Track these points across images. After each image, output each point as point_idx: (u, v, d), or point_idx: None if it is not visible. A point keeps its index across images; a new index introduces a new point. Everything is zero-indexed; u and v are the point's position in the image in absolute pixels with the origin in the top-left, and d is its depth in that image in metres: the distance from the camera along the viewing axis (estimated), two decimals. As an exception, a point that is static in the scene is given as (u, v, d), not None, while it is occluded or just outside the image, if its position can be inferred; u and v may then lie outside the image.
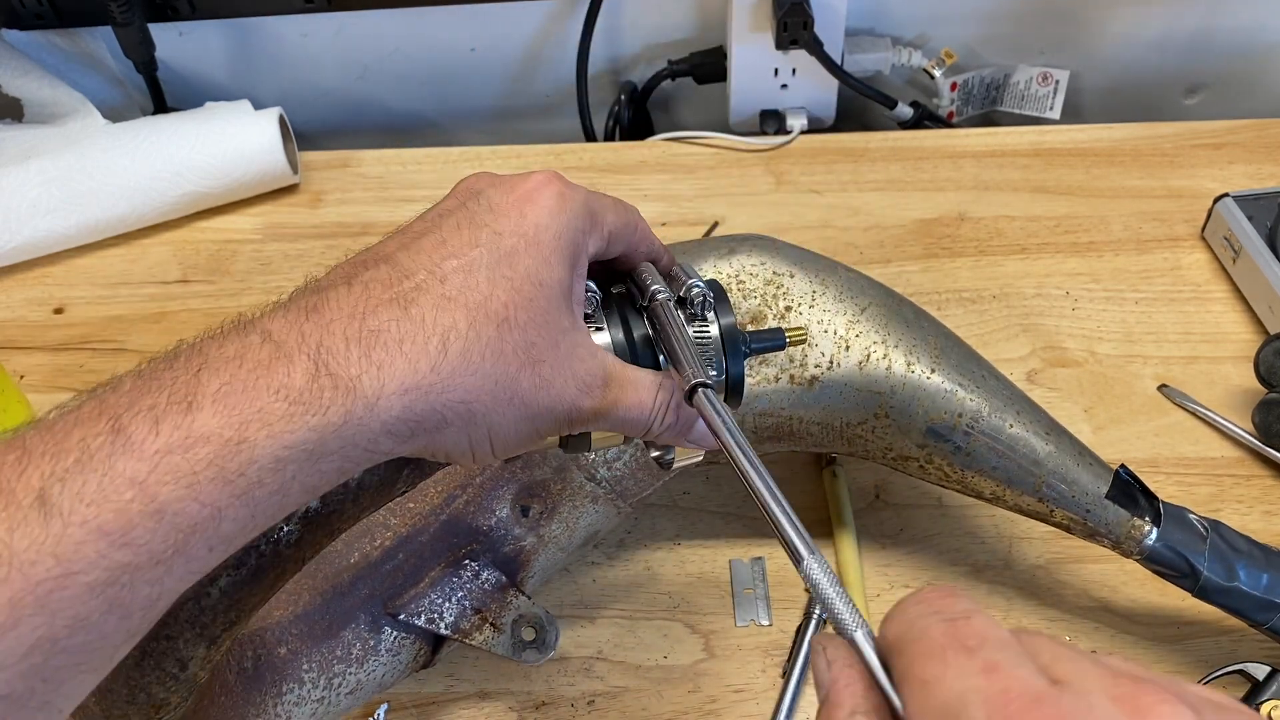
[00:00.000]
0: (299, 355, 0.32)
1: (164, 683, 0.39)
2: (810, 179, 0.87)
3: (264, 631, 0.49)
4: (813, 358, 0.55)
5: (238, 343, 0.32)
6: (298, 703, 0.49)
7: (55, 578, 0.27)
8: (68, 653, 0.28)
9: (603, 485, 0.56)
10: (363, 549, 0.52)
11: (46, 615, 0.27)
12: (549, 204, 0.37)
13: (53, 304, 0.81)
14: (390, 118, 1.02)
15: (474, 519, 0.54)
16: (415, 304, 0.34)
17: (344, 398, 0.32)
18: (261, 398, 0.31)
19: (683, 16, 0.94)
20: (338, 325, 0.33)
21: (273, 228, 0.86)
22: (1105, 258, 0.79)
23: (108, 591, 0.28)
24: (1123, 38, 0.94)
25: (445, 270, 0.35)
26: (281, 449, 0.31)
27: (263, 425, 0.30)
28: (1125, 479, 0.54)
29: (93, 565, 0.28)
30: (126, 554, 0.28)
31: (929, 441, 0.55)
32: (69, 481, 0.28)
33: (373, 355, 0.33)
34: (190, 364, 0.31)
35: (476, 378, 0.34)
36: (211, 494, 0.30)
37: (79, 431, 0.29)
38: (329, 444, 0.32)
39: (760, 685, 0.58)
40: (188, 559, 0.30)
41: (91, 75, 0.97)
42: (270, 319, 0.33)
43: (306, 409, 0.31)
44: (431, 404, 0.33)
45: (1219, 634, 0.59)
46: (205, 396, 0.30)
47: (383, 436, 0.33)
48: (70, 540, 0.28)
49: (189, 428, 0.30)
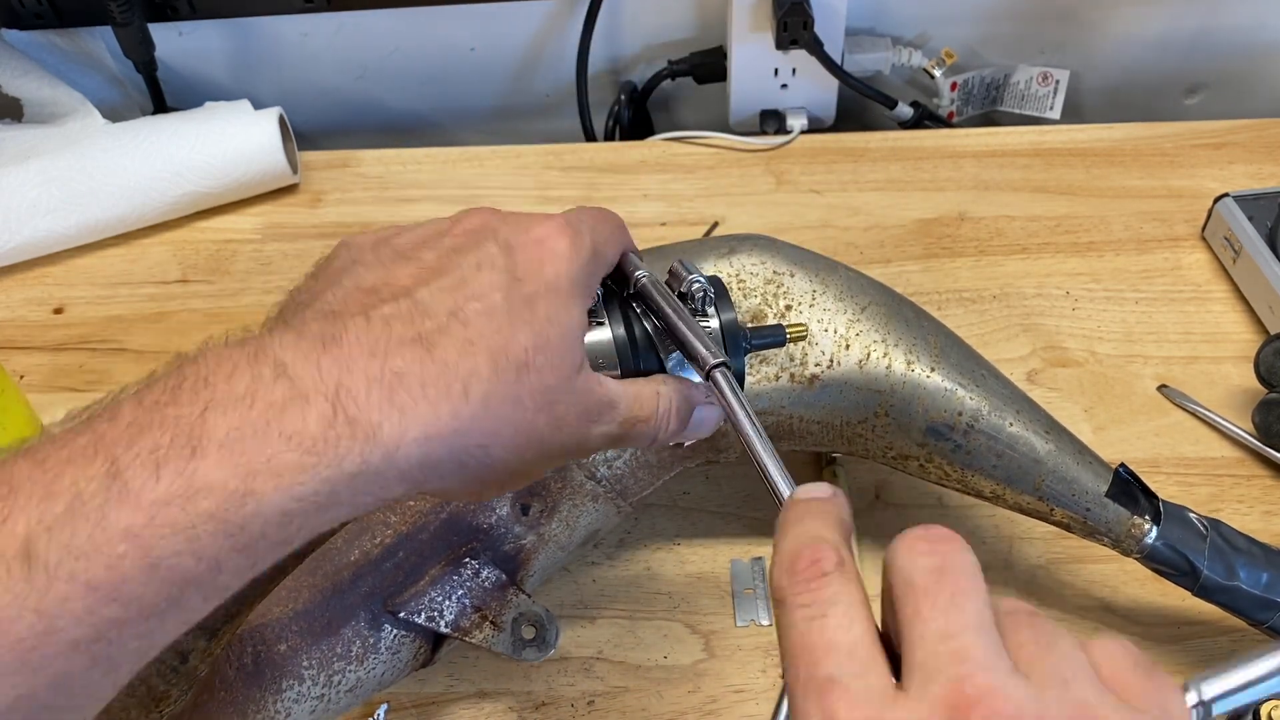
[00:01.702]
0: (316, 396, 0.30)
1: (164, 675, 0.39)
2: (810, 179, 0.87)
3: (264, 628, 0.49)
4: (813, 356, 0.55)
5: (248, 376, 0.30)
6: (297, 700, 0.49)
7: (37, 634, 0.26)
8: (50, 710, 0.27)
9: (603, 484, 0.56)
10: (363, 546, 0.52)
11: (27, 674, 0.26)
12: (564, 251, 0.37)
13: (52, 304, 0.81)
14: (390, 118, 1.02)
15: (474, 517, 0.54)
16: (438, 346, 0.33)
17: (362, 445, 0.30)
18: (272, 445, 0.29)
19: (683, 16, 0.94)
20: (359, 364, 0.31)
21: (273, 228, 0.86)
22: (1105, 258, 0.79)
23: (94, 648, 0.27)
24: (1123, 38, 0.94)
25: (468, 313, 0.34)
26: (290, 501, 0.29)
27: (271, 476, 0.29)
28: (1125, 478, 0.54)
29: (79, 621, 0.26)
30: (115, 609, 0.27)
31: (929, 440, 0.54)
32: (57, 531, 0.26)
33: (395, 399, 0.31)
34: (196, 398, 0.29)
35: (495, 423, 0.34)
36: (211, 548, 0.28)
37: (72, 472, 0.27)
38: (340, 494, 0.30)
39: (760, 685, 0.58)
40: (181, 610, 0.28)
41: (91, 75, 0.97)
42: (282, 345, 0.31)
43: (320, 459, 0.30)
44: (450, 448, 0.33)
45: (1219, 634, 0.59)
46: (211, 442, 0.28)
47: (396, 483, 0.32)
48: (55, 596, 0.26)
49: (191, 476, 0.28)
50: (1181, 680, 0.28)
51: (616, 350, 0.40)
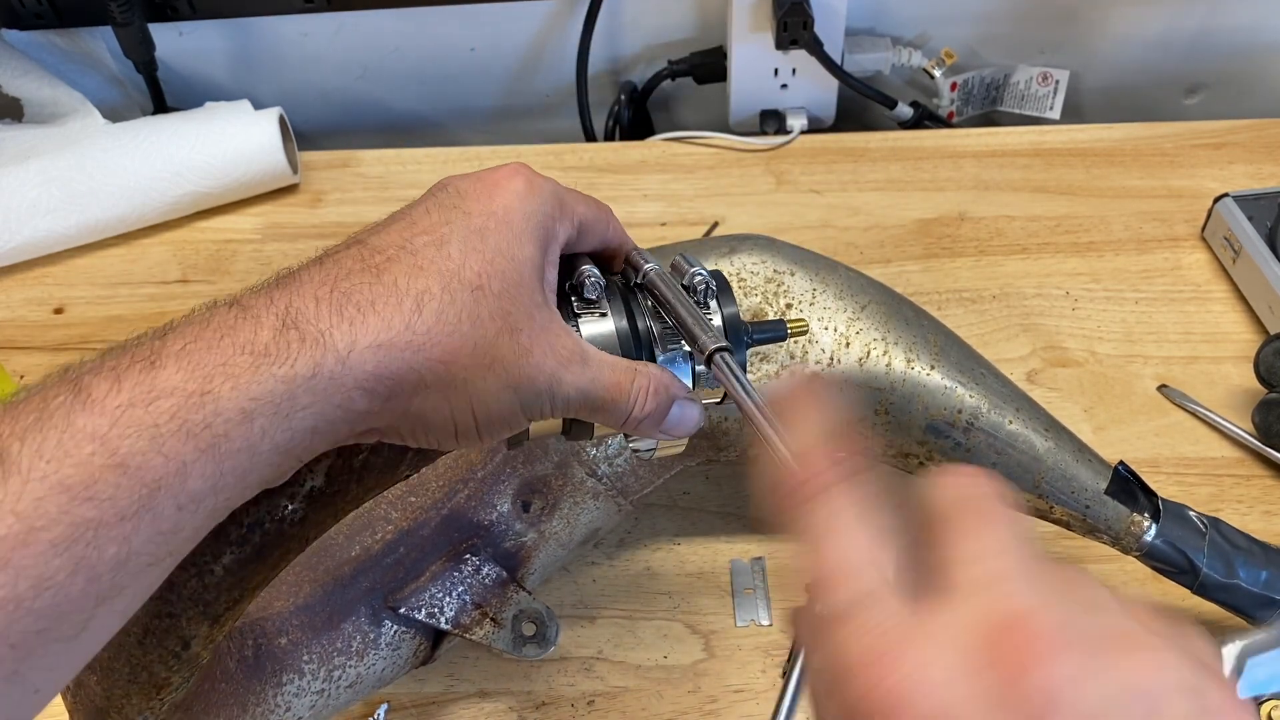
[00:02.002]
0: (266, 315, 0.32)
1: (166, 661, 0.39)
2: (810, 179, 0.87)
3: (265, 621, 0.49)
4: (813, 354, 0.55)
5: (205, 312, 0.32)
6: (298, 694, 0.49)
7: (16, 534, 0.27)
8: (34, 615, 0.27)
9: (604, 481, 0.56)
10: (364, 542, 0.52)
11: (9, 574, 0.27)
12: (517, 188, 0.37)
13: (53, 304, 0.81)
14: (390, 118, 1.02)
15: (475, 514, 0.54)
16: (387, 271, 0.34)
17: (312, 349, 0.32)
18: (226, 353, 0.31)
19: (683, 16, 0.94)
20: (308, 289, 0.33)
21: (273, 228, 0.86)
22: (1105, 258, 0.79)
23: (73, 549, 0.28)
24: (1123, 38, 0.95)
25: (416, 245, 0.35)
26: (247, 400, 0.30)
27: (227, 378, 0.30)
28: (1124, 475, 0.54)
29: (55, 521, 0.27)
30: (90, 509, 0.28)
31: (929, 438, 0.55)
32: (27, 439, 0.28)
33: (344, 312, 0.32)
34: (157, 332, 0.32)
35: (454, 339, 0.34)
36: (175, 447, 0.29)
37: (40, 394, 0.29)
38: (299, 397, 0.31)
39: (760, 685, 0.58)
40: (155, 516, 0.29)
41: (91, 75, 0.97)
42: (241, 294, 0.33)
43: (273, 360, 0.31)
44: (407, 361, 0.33)
45: (1219, 633, 0.58)
46: (168, 355, 0.30)
47: (357, 393, 0.32)
48: (30, 496, 0.27)
49: (151, 383, 0.29)
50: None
51: (619, 341, 0.40)
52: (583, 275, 0.40)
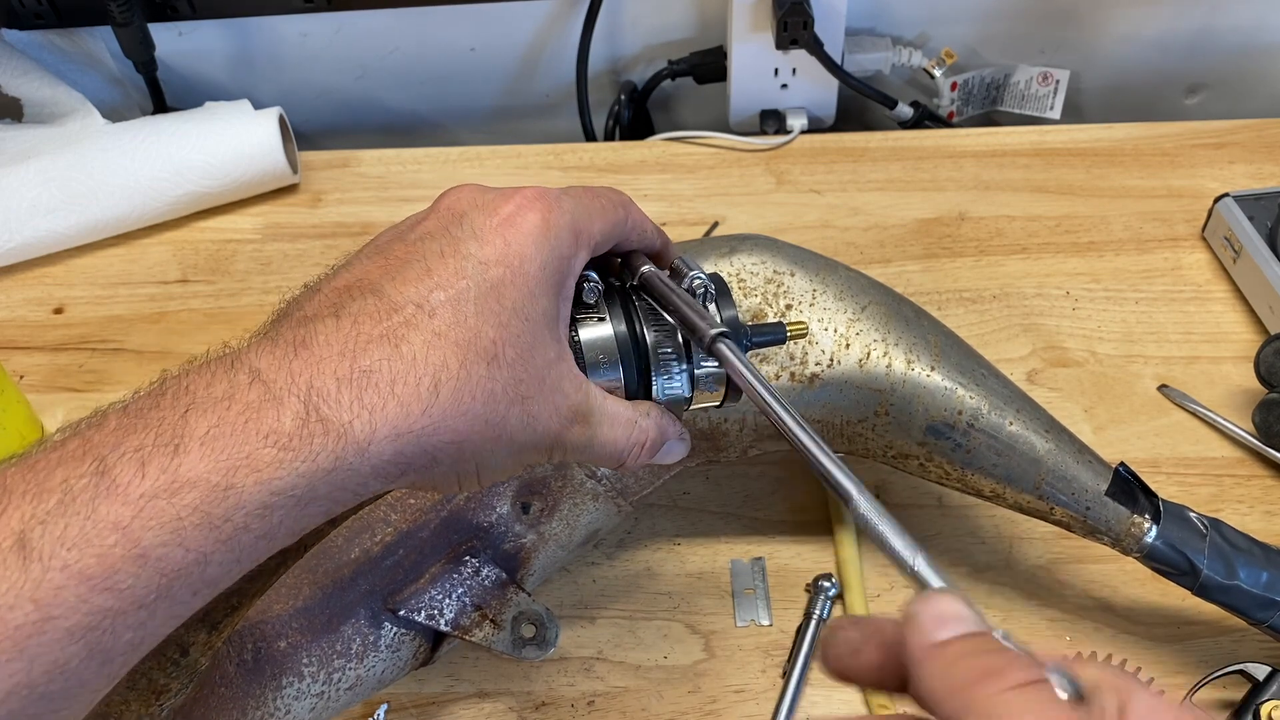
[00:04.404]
0: (289, 397, 0.31)
1: (164, 668, 0.39)
2: (810, 179, 0.87)
3: (264, 624, 0.49)
4: (813, 355, 0.55)
5: (225, 382, 0.31)
6: (297, 696, 0.49)
7: (34, 623, 0.27)
8: (46, 699, 0.27)
9: (603, 483, 0.56)
10: (363, 544, 0.52)
11: (24, 661, 0.27)
12: (533, 231, 0.36)
13: (52, 304, 0.81)
14: (390, 118, 1.02)
15: (475, 515, 0.54)
16: (406, 341, 0.33)
17: (335, 443, 0.31)
18: (250, 442, 0.30)
19: (683, 16, 0.94)
20: (328, 365, 0.32)
21: (273, 228, 0.86)
22: (1106, 258, 0.79)
23: (88, 637, 0.28)
24: (1123, 38, 0.94)
25: (433, 304, 0.34)
26: (269, 495, 0.30)
27: (251, 471, 0.30)
28: (1125, 477, 0.54)
29: (73, 610, 0.27)
30: (108, 599, 0.28)
31: (929, 439, 0.54)
32: (50, 524, 0.28)
33: (364, 399, 0.32)
34: (178, 403, 0.31)
35: (467, 419, 0.34)
36: (197, 540, 0.29)
37: (62, 471, 0.29)
38: (318, 489, 0.31)
39: (760, 685, 0.58)
40: (171, 603, 0.29)
41: (91, 75, 0.97)
42: (257, 354, 0.32)
43: (296, 455, 0.31)
44: (422, 445, 0.33)
45: (1219, 634, 0.59)
46: (193, 439, 0.30)
47: (372, 479, 0.33)
48: (50, 585, 0.27)
49: (175, 471, 0.29)
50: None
51: (617, 346, 0.40)
52: (580, 279, 0.40)
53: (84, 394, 0.75)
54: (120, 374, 0.76)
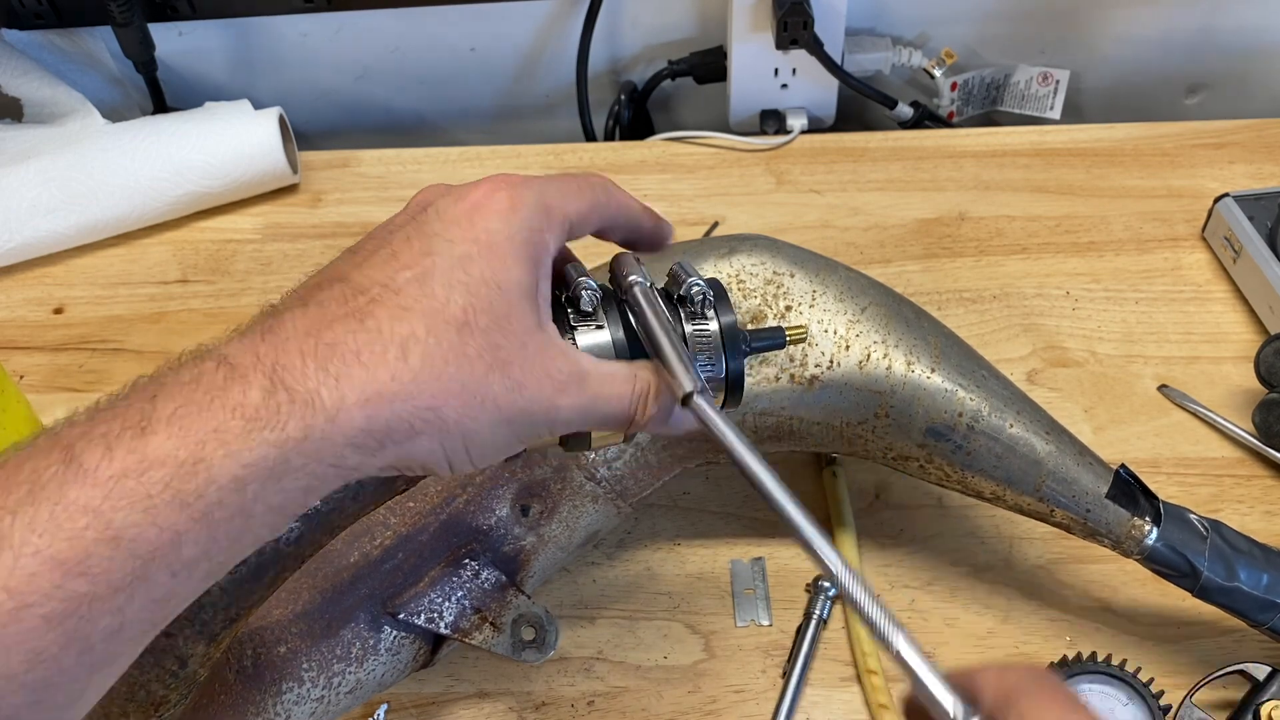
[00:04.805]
0: (254, 374, 0.31)
1: (163, 680, 0.39)
2: (810, 179, 0.87)
3: (263, 630, 0.49)
4: (813, 357, 0.55)
5: (193, 369, 0.31)
6: (297, 701, 0.49)
7: (8, 611, 0.27)
8: (27, 689, 0.27)
9: (603, 485, 0.56)
10: (363, 548, 0.52)
11: (1, 651, 0.27)
12: (499, 208, 0.36)
13: (52, 304, 0.81)
14: (390, 118, 1.02)
15: (474, 518, 0.54)
16: (371, 316, 0.33)
17: (302, 411, 0.31)
18: (217, 417, 0.30)
19: (683, 16, 0.94)
20: (293, 343, 0.32)
21: (273, 228, 0.86)
22: (1106, 258, 0.79)
23: (65, 624, 0.27)
24: (1123, 38, 0.94)
25: (399, 282, 0.34)
26: (240, 468, 0.30)
27: (219, 445, 0.30)
28: (1125, 479, 0.54)
29: (48, 596, 0.27)
30: (83, 583, 0.28)
31: (929, 441, 0.54)
32: (20, 513, 0.27)
33: (329, 368, 0.32)
34: (145, 391, 0.31)
35: (441, 382, 0.33)
36: (169, 518, 0.29)
37: (30, 464, 0.29)
38: (291, 460, 0.31)
39: (760, 685, 0.58)
40: (149, 586, 0.29)
41: (91, 75, 0.97)
42: (227, 345, 0.32)
43: (263, 425, 0.30)
44: (396, 412, 0.32)
45: (1219, 634, 0.59)
46: (159, 420, 0.30)
47: (348, 450, 0.32)
48: (23, 572, 0.27)
49: (143, 451, 0.29)
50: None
51: (615, 354, 0.40)
52: (578, 287, 0.39)
53: (84, 394, 0.75)
54: (120, 374, 0.76)
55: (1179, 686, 0.56)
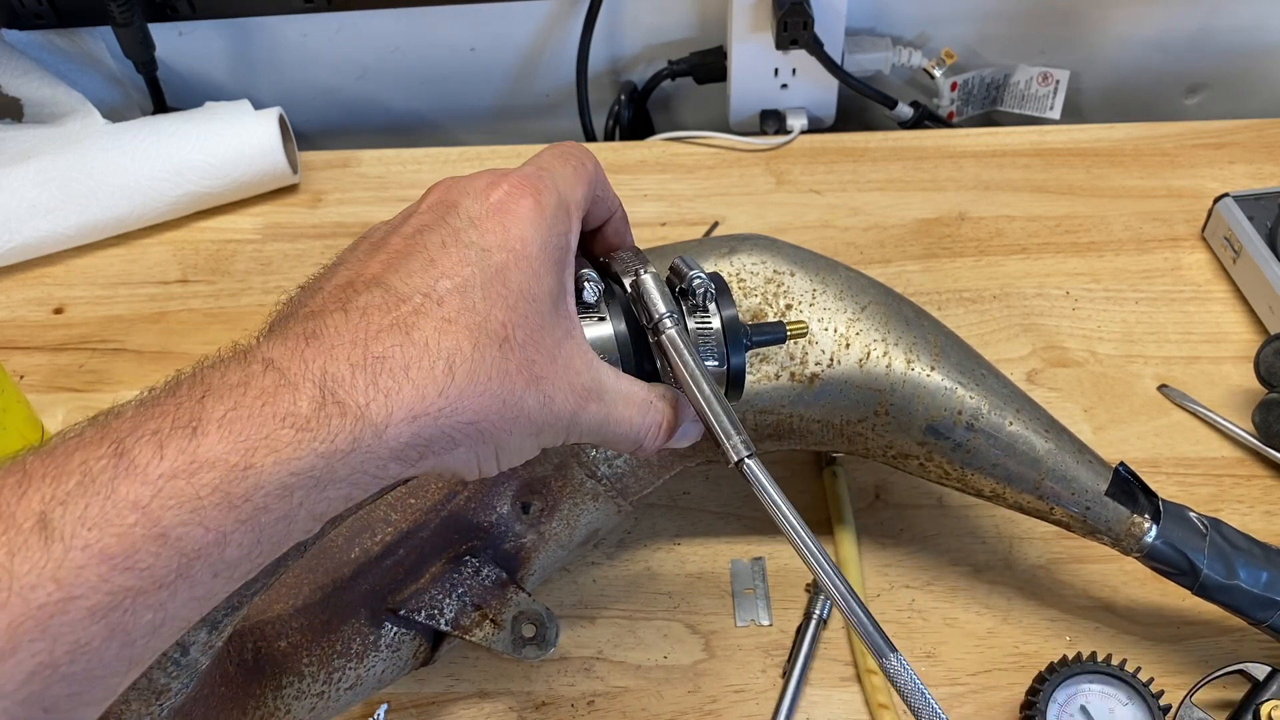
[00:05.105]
0: (304, 383, 0.31)
1: (165, 668, 0.39)
2: (810, 179, 0.87)
3: (265, 625, 0.49)
4: (813, 355, 0.55)
5: (240, 371, 0.32)
6: (297, 696, 0.49)
7: (56, 602, 0.27)
8: (68, 680, 0.28)
9: (603, 483, 0.56)
10: (363, 544, 0.52)
11: (47, 641, 0.27)
12: (529, 215, 0.37)
13: (52, 304, 0.81)
14: (390, 118, 1.02)
15: (475, 515, 0.54)
16: (417, 328, 0.33)
17: (352, 425, 0.31)
18: (268, 424, 0.30)
19: (683, 16, 0.94)
20: (341, 352, 0.32)
21: (273, 228, 0.86)
22: (1106, 258, 0.79)
23: (110, 617, 0.28)
24: (1123, 38, 0.94)
25: (440, 292, 0.34)
26: (288, 475, 0.30)
27: (270, 451, 0.30)
28: (1125, 476, 0.54)
29: (94, 590, 0.27)
30: (129, 578, 0.28)
31: (929, 439, 0.54)
32: (70, 505, 0.28)
33: (379, 382, 0.32)
34: (194, 391, 0.31)
35: (484, 399, 0.34)
36: (216, 519, 0.29)
37: (80, 455, 0.29)
38: (337, 471, 0.31)
39: (760, 685, 0.58)
40: (192, 584, 0.29)
41: (91, 75, 0.97)
42: (269, 346, 0.33)
43: (314, 436, 0.31)
44: (440, 427, 0.33)
45: (1219, 634, 0.59)
46: (210, 422, 0.30)
47: (391, 462, 0.33)
48: (71, 564, 0.27)
49: (194, 452, 0.29)
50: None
51: (618, 346, 0.40)
52: (581, 279, 0.40)
53: (84, 394, 0.75)
54: (120, 374, 0.76)
55: (1179, 686, 0.56)
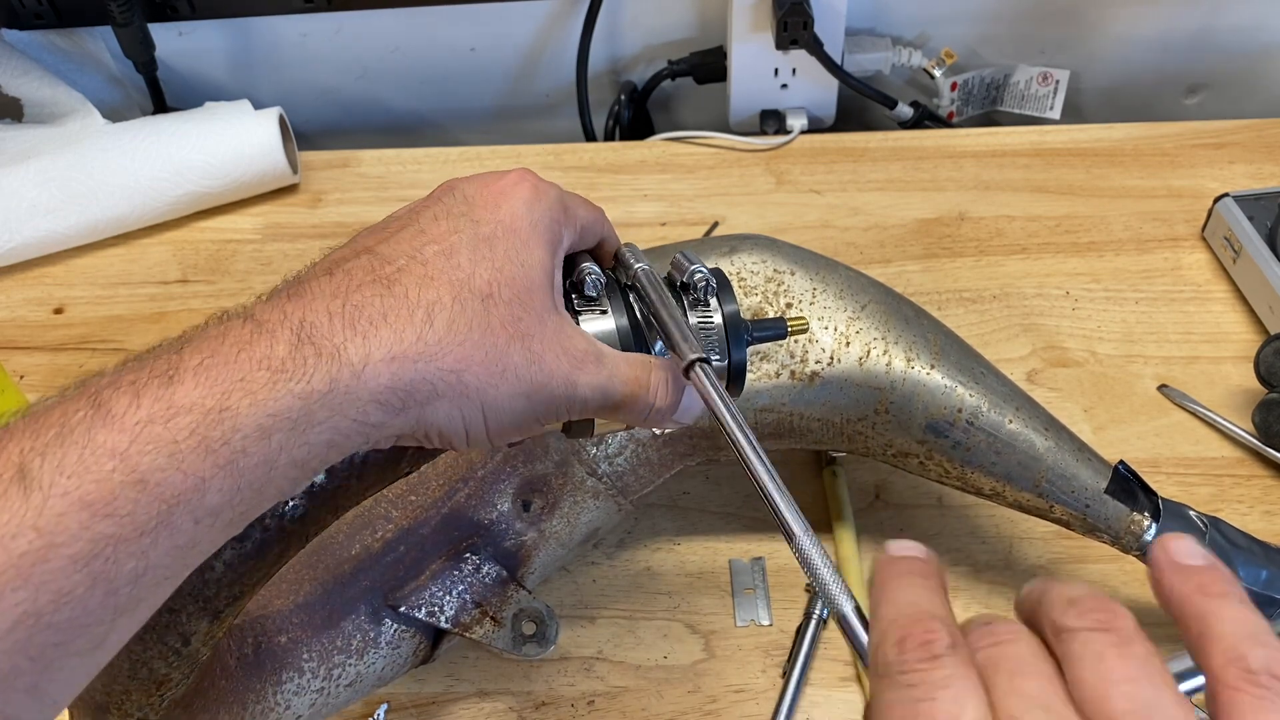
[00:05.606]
0: (281, 330, 0.32)
1: (166, 658, 0.39)
2: (810, 179, 0.87)
3: (265, 619, 0.49)
4: (813, 354, 0.55)
5: (219, 325, 0.32)
6: (297, 692, 0.49)
7: (37, 550, 0.27)
8: (53, 629, 0.28)
9: (604, 481, 0.56)
10: (364, 540, 0.52)
11: (30, 589, 0.27)
12: (524, 195, 0.38)
13: (52, 304, 0.81)
14: (390, 118, 1.02)
15: (475, 512, 0.54)
16: (397, 283, 0.34)
17: (328, 364, 0.32)
18: (244, 368, 0.31)
19: (683, 16, 0.94)
20: (320, 303, 0.33)
21: (273, 228, 0.86)
22: (1106, 258, 0.79)
23: (92, 564, 0.28)
24: (1123, 38, 0.95)
25: (426, 254, 0.35)
26: (265, 416, 0.31)
27: (245, 394, 0.30)
28: (1124, 474, 0.54)
29: (75, 537, 0.28)
30: (109, 525, 0.28)
31: (929, 437, 0.54)
32: (48, 455, 0.28)
33: (357, 326, 0.33)
34: (173, 345, 0.32)
35: (465, 347, 0.34)
36: (194, 463, 0.29)
37: (59, 410, 0.29)
38: (315, 413, 0.32)
39: (760, 685, 0.58)
40: (172, 531, 0.29)
41: (91, 75, 0.97)
42: (254, 306, 0.33)
43: (289, 376, 0.31)
44: (420, 372, 0.33)
45: (1219, 633, 0.59)
46: (186, 370, 0.30)
47: (372, 406, 0.33)
48: (51, 512, 0.27)
49: (170, 399, 0.30)
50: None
51: (619, 338, 0.40)
52: (583, 273, 0.40)
53: (84, 393, 0.75)
54: (120, 374, 0.76)
55: (1179, 685, 0.56)
